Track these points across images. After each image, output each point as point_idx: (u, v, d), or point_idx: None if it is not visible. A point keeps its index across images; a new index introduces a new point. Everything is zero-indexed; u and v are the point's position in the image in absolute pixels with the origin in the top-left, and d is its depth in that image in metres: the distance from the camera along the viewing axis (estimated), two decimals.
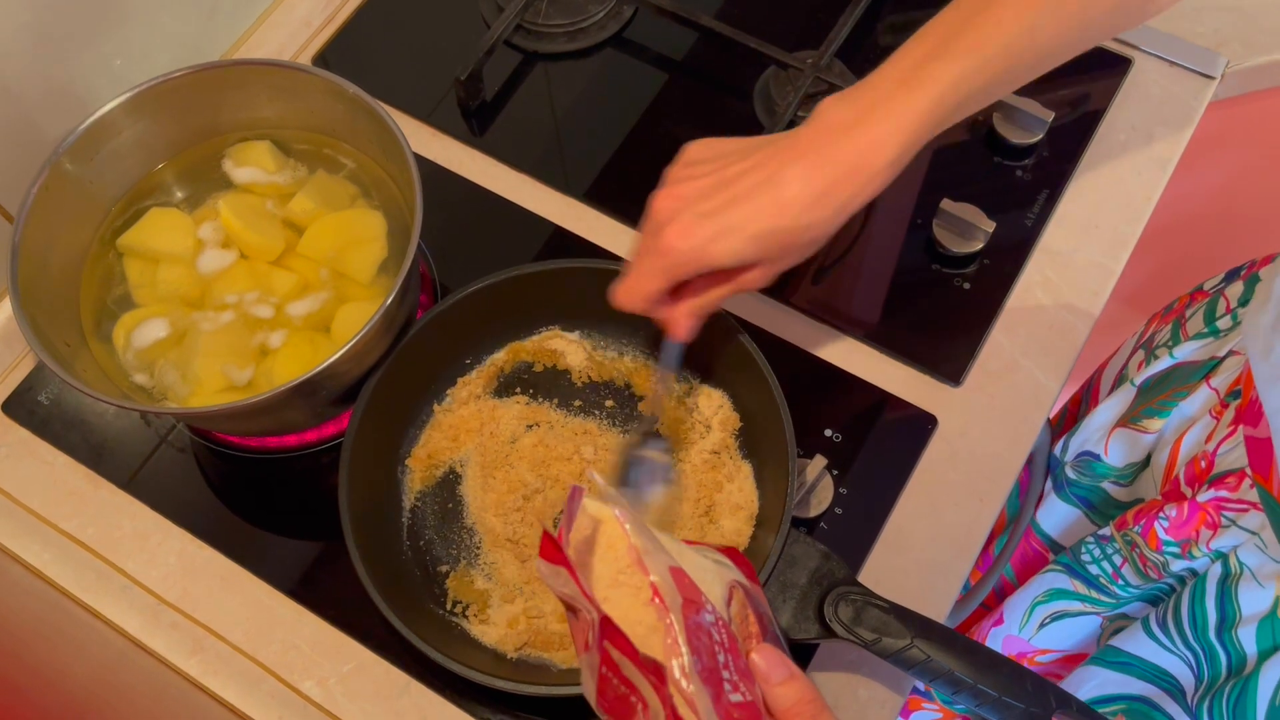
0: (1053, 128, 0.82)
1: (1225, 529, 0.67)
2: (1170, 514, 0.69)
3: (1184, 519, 0.69)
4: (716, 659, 0.48)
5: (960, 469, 0.73)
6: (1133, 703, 0.73)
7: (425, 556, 0.70)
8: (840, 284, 0.80)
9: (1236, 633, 0.67)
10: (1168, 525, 0.70)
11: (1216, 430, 0.70)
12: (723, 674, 0.48)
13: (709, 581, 0.52)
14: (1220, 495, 0.67)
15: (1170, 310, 0.84)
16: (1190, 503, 0.69)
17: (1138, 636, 0.73)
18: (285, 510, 0.74)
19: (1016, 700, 0.58)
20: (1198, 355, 0.75)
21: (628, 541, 0.50)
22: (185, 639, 0.70)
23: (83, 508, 0.74)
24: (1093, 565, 0.76)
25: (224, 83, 0.73)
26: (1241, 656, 0.67)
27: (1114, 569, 0.75)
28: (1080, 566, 0.77)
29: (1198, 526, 0.68)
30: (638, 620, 0.49)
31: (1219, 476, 0.68)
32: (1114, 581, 0.75)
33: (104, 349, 0.71)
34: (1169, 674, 0.72)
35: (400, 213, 0.74)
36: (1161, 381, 0.77)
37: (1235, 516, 0.66)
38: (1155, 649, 0.72)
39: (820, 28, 0.85)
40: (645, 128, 0.86)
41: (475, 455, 0.72)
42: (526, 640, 0.66)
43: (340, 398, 0.70)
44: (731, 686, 0.48)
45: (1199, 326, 0.77)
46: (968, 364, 0.76)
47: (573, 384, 0.75)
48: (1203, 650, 0.69)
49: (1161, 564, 0.71)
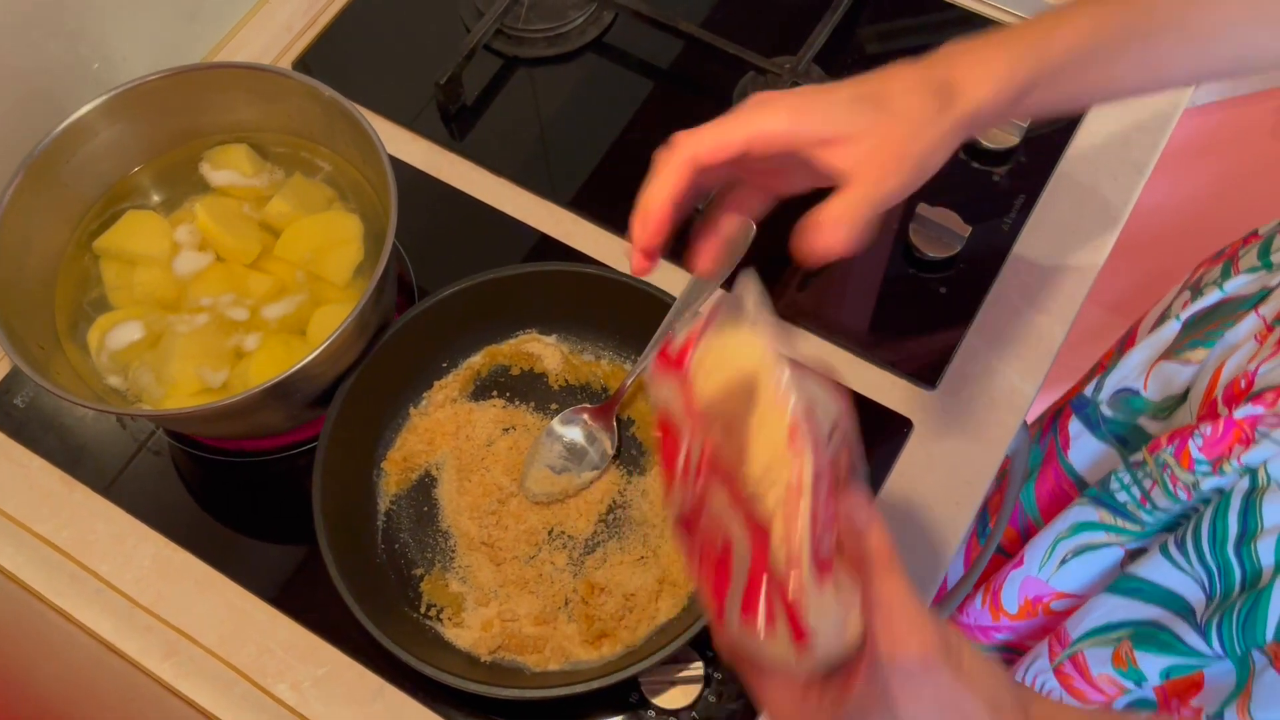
0: (1029, 133, 0.82)
1: (1258, 443, 0.66)
2: (1205, 432, 0.69)
3: (1218, 436, 0.68)
4: (821, 504, 0.45)
5: (936, 472, 0.73)
6: (1139, 627, 0.73)
7: (400, 560, 0.70)
8: (816, 288, 0.80)
9: (1256, 545, 0.66)
10: (1201, 444, 0.69)
11: (1260, 352, 0.69)
12: (824, 520, 0.45)
13: (821, 418, 0.47)
14: (1257, 412, 0.66)
15: (1220, 254, 0.83)
16: (1226, 420, 0.68)
17: (1153, 561, 0.72)
18: (260, 514, 0.74)
19: None
20: (1247, 289, 0.75)
21: (767, 369, 0.45)
22: (159, 642, 0.70)
23: (57, 511, 0.74)
24: (1121, 493, 0.76)
25: (201, 86, 0.74)
26: (1256, 571, 0.66)
27: (1143, 493, 0.74)
28: (1108, 495, 0.77)
29: (1231, 443, 0.68)
30: (759, 450, 0.45)
31: (1258, 394, 0.67)
32: (1141, 506, 0.75)
33: (78, 351, 0.71)
34: (1179, 595, 0.71)
35: (377, 216, 0.74)
36: (1208, 315, 0.77)
37: (1269, 430, 0.66)
38: (1168, 571, 0.71)
39: (798, 33, 0.86)
40: (627, 134, 0.86)
41: (451, 458, 0.72)
42: (500, 643, 0.66)
43: (316, 400, 0.70)
44: (825, 531, 0.45)
45: (1252, 262, 0.76)
46: (943, 368, 0.76)
47: (549, 387, 0.75)
48: (1217, 567, 0.69)
49: (1192, 484, 0.70)
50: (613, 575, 0.67)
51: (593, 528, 0.70)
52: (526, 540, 0.69)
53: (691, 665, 0.66)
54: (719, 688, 0.66)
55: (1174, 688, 0.72)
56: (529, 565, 0.69)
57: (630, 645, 0.66)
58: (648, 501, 0.70)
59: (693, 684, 0.66)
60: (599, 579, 0.67)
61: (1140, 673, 0.73)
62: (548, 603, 0.67)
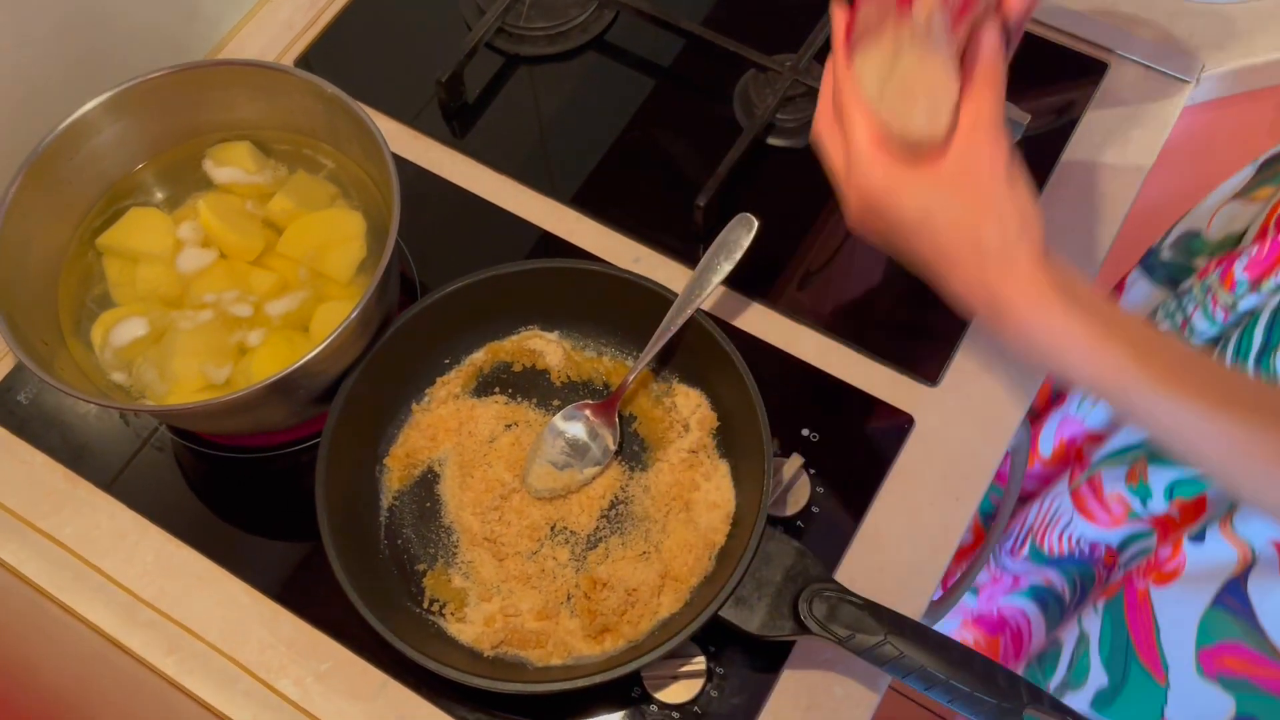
0: (1029, 131, 0.83)
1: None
2: (1252, 252, 0.69)
3: (1263, 256, 0.68)
4: None
5: (937, 468, 0.73)
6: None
7: (403, 555, 0.70)
8: (818, 284, 0.80)
9: (1275, 357, 0.66)
10: (1246, 263, 0.69)
11: None
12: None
13: None
14: None
15: None
16: (1274, 239, 0.68)
17: None
18: (263, 510, 0.74)
19: (988, 695, 0.58)
20: None
21: None
22: (162, 637, 0.70)
23: (61, 507, 0.74)
24: (1164, 322, 0.76)
25: (204, 83, 0.74)
26: (1273, 379, 0.67)
27: (1184, 318, 0.74)
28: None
29: (1275, 263, 0.68)
30: None
31: None
32: (1180, 331, 0.75)
33: (82, 348, 0.71)
34: None
35: (380, 213, 0.74)
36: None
37: None
38: None
39: (798, 31, 0.86)
40: (628, 131, 0.87)
41: (453, 454, 0.72)
42: (503, 638, 0.66)
43: (318, 396, 0.70)
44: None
45: None
46: (945, 364, 0.76)
47: (551, 384, 0.75)
48: None
49: (1230, 305, 0.71)
50: (615, 570, 0.68)
51: (595, 523, 0.70)
52: (529, 536, 0.69)
53: (694, 660, 0.66)
54: (721, 683, 0.67)
55: (1180, 508, 0.72)
56: (531, 561, 0.69)
57: (632, 640, 0.66)
58: (650, 497, 0.71)
59: (695, 679, 0.66)
60: (601, 574, 0.68)
61: (1148, 488, 0.73)
62: (550, 598, 0.68)
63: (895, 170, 0.57)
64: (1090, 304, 0.55)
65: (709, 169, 0.80)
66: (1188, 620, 0.68)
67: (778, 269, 0.80)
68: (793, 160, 0.85)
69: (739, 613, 0.63)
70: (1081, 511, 0.79)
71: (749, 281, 0.79)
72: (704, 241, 0.76)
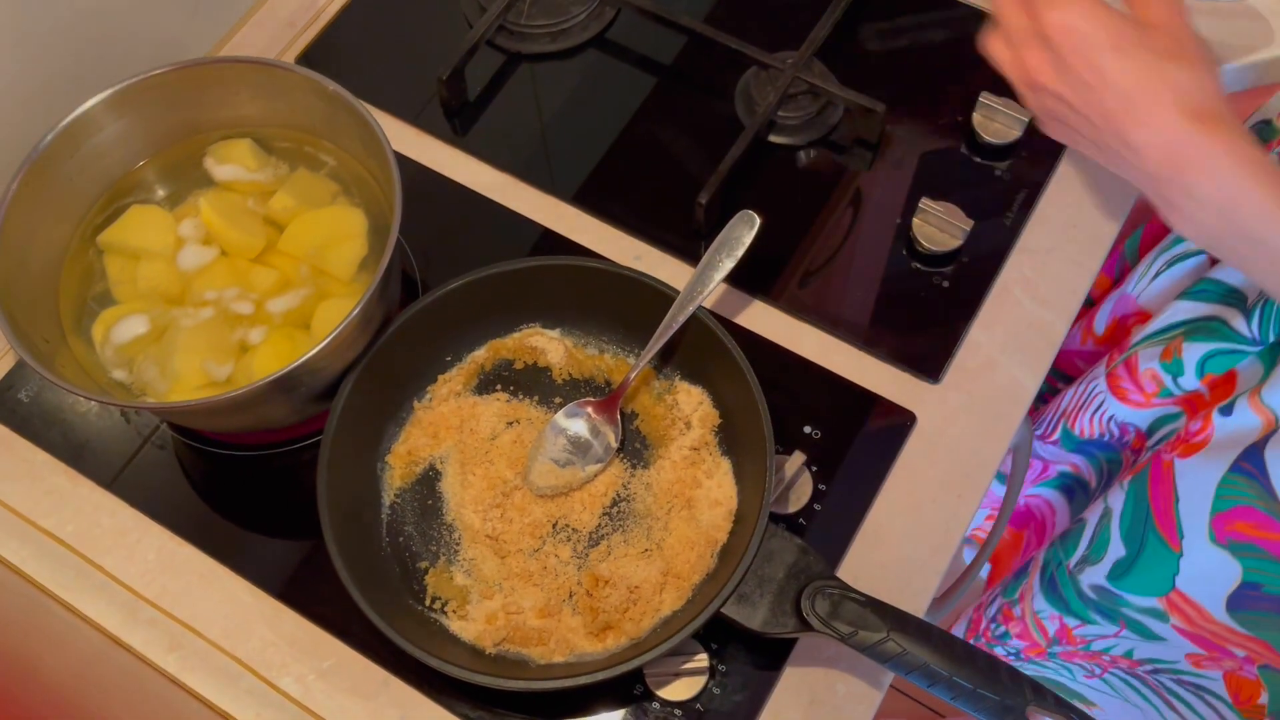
0: (1032, 127, 0.82)
1: None
2: None
3: None
4: None
5: (939, 466, 0.73)
6: (1194, 323, 0.75)
7: (404, 553, 0.70)
8: (820, 281, 0.80)
9: None
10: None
11: None
12: None
13: None
14: None
15: None
16: None
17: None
18: (264, 508, 0.74)
19: (992, 692, 0.58)
20: None
21: None
22: (163, 635, 0.70)
23: (62, 505, 0.74)
24: None
25: (205, 80, 0.74)
26: None
27: None
28: None
29: None
30: None
31: None
32: None
33: (83, 345, 0.71)
34: (1238, 290, 0.73)
35: (381, 210, 0.74)
36: None
37: None
38: (1233, 270, 0.73)
39: (800, 29, 0.86)
40: (629, 129, 0.86)
41: (455, 452, 0.72)
42: (505, 636, 0.66)
43: (320, 394, 0.70)
44: None
45: None
46: (946, 361, 0.76)
47: (553, 381, 0.75)
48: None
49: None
50: (617, 568, 0.68)
51: (597, 521, 0.70)
52: (531, 533, 0.69)
53: (696, 657, 0.66)
54: (723, 680, 0.67)
55: (1211, 384, 0.73)
56: (533, 558, 0.69)
57: (634, 637, 0.66)
58: (652, 494, 0.70)
59: (697, 676, 0.66)
60: (603, 572, 0.68)
61: (1180, 363, 0.74)
62: (552, 595, 0.68)
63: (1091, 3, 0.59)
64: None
65: (711, 166, 0.80)
66: (1205, 486, 0.69)
67: (779, 266, 0.80)
68: (794, 158, 0.85)
69: (741, 610, 0.63)
70: (1114, 392, 0.80)
71: (751, 279, 0.79)
72: (705, 239, 0.76)
